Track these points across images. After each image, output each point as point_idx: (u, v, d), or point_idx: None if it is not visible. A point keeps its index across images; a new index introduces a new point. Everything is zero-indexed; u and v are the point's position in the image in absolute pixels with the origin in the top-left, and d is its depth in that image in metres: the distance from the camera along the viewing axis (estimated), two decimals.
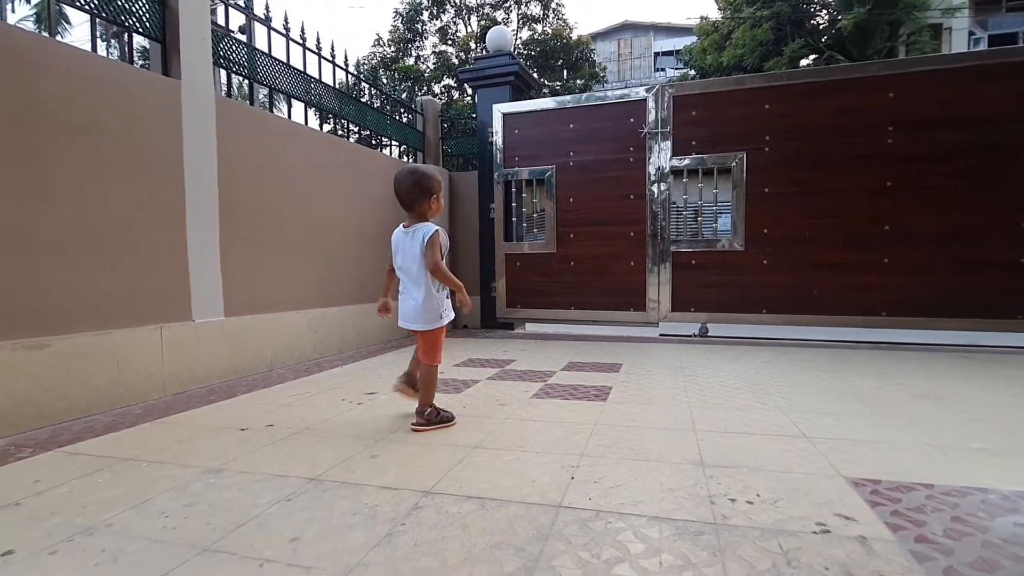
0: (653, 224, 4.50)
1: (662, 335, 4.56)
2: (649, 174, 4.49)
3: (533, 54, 16.53)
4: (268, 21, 3.35)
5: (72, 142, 2.17)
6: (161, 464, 1.60)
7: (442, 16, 17.26)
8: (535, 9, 17.34)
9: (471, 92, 8.66)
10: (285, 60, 3.51)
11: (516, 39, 16.67)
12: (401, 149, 5.18)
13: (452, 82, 16.53)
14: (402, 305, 1.96)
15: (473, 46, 16.38)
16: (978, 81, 3.74)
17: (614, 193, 4.61)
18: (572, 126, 4.72)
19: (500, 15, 17.12)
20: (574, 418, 2.05)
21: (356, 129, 4.42)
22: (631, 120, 4.53)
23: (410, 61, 17.27)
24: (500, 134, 4.94)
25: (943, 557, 1.03)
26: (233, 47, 3.12)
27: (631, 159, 4.55)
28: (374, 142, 4.70)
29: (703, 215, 4.56)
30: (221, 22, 3.06)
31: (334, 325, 3.68)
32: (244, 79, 3.28)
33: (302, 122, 3.68)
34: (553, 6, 17.34)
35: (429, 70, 16.87)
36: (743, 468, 1.51)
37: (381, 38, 17.60)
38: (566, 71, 17.05)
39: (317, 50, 3.81)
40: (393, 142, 4.97)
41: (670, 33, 25.86)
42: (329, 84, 3.95)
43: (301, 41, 3.66)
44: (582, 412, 2.13)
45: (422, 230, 1.90)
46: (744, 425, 1.93)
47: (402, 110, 5.15)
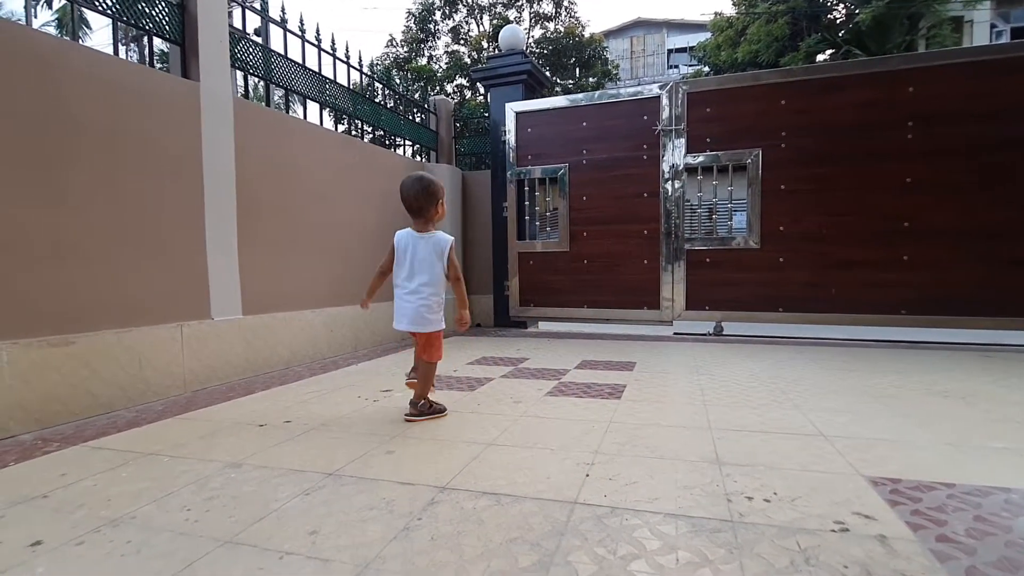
0: (667, 222, 4.47)
1: (676, 334, 4.53)
2: (663, 172, 4.47)
3: (545, 52, 16.50)
4: (284, 23, 3.39)
5: (94, 144, 2.22)
6: (183, 459, 1.63)
7: (454, 16, 17.31)
8: (547, 7, 17.32)
9: (484, 91, 8.67)
10: (300, 61, 3.55)
11: (528, 38, 16.65)
12: (414, 149, 5.21)
13: (465, 81, 16.57)
14: (402, 308, 2.00)
15: (485, 45, 16.40)
16: (1001, 74, 3.65)
17: (627, 191, 4.59)
18: (585, 124, 4.71)
19: (512, 14, 17.12)
20: (588, 416, 2.05)
21: (370, 129, 4.45)
22: (644, 117, 4.51)
23: (423, 61, 17.35)
24: (513, 133, 4.95)
25: (965, 557, 1.02)
26: (250, 49, 3.17)
27: (644, 157, 4.52)
28: (388, 142, 4.73)
29: (718, 213, 4.52)
30: (238, 24, 3.11)
31: (349, 324, 3.72)
32: (260, 80, 3.33)
33: (317, 122, 3.72)
34: (565, 4, 17.29)
35: (442, 70, 16.92)
36: (760, 466, 1.50)
37: (394, 38, 17.71)
38: (579, 69, 17.00)
39: (332, 51, 3.85)
40: (406, 142, 5.00)
41: (683, 30, 25.64)
42: (344, 85, 3.99)
43: (316, 42, 3.70)
44: (596, 410, 2.13)
45: (442, 241, 2.00)
46: (761, 423, 1.91)
47: (415, 110, 5.18)
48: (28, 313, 1.98)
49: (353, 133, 4.21)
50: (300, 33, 3.53)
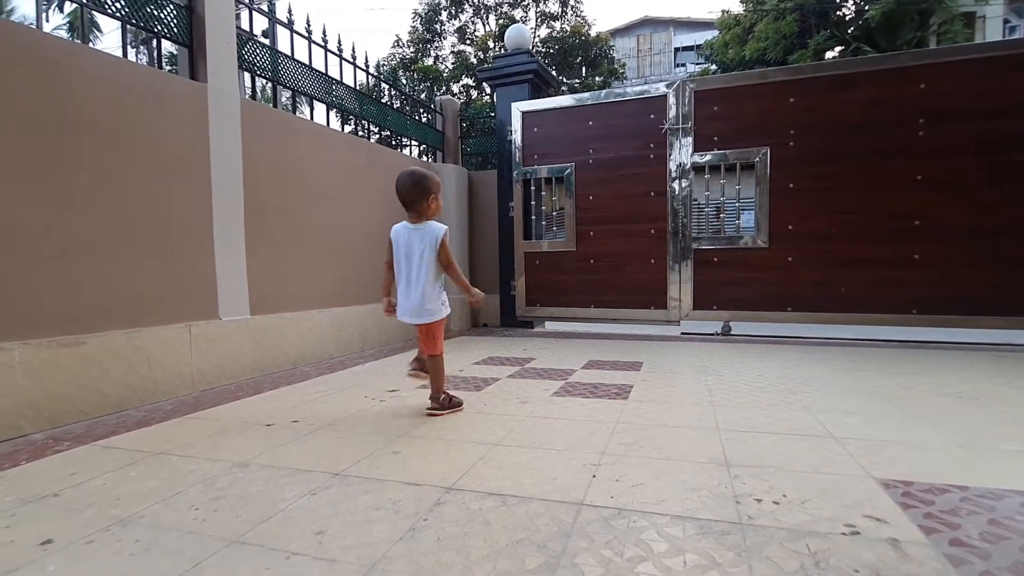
0: (674, 221, 4.45)
1: (684, 334, 4.50)
2: (670, 171, 4.44)
3: (552, 52, 16.47)
4: (291, 24, 3.40)
5: (104, 145, 2.24)
6: (191, 458, 1.64)
7: (460, 16, 17.32)
8: (553, 6, 17.28)
9: (490, 91, 8.67)
10: (307, 62, 3.57)
11: (534, 37, 16.63)
12: (421, 149, 5.22)
13: (471, 81, 16.57)
14: (402, 301, 2.05)
15: (491, 45, 16.40)
16: (1014, 70, 3.60)
17: (634, 190, 4.57)
18: (591, 123, 4.69)
19: (518, 13, 17.10)
20: (595, 416, 2.04)
21: (376, 129, 4.47)
22: (651, 116, 4.48)
23: (429, 61, 17.37)
24: (519, 132, 4.94)
25: (979, 561, 1.00)
26: (257, 51, 3.18)
27: (651, 156, 4.50)
28: (394, 142, 4.74)
29: (725, 212, 4.49)
30: (245, 26, 3.12)
31: (356, 323, 3.73)
32: (268, 82, 3.35)
33: (324, 123, 3.73)
34: (572, 3, 17.25)
35: (448, 70, 16.94)
36: (769, 468, 1.48)
37: (400, 39, 17.75)
38: (585, 68, 16.95)
39: (338, 52, 3.86)
40: (413, 142, 5.01)
41: (690, 28, 25.53)
42: (350, 85, 4.00)
43: (323, 43, 3.71)
44: (603, 410, 2.12)
45: (434, 229, 2.02)
46: (769, 425, 1.90)
47: (421, 110, 5.19)
48: (39, 313, 2.00)
49: (360, 133, 4.22)
50: (307, 34, 3.54)
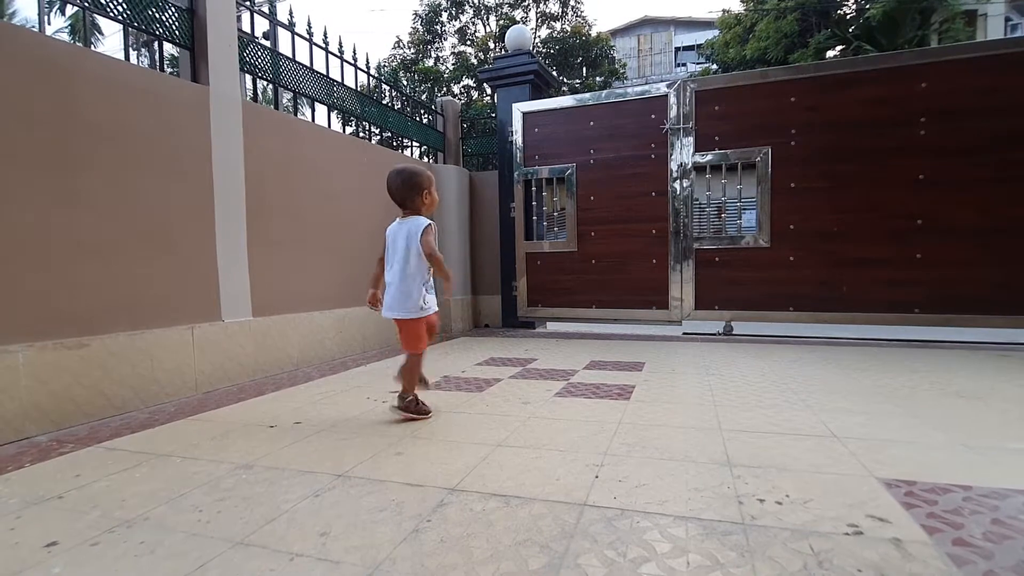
0: (675, 221, 4.45)
1: (685, 334, 4.50)
2: (671, 170, 4.44)
3: (552, 52, 16.47)
4: (292, 27, 3.41)
5: (107, 148, 2.25)
6: (194, 460, 1.65)
7: (461, 17, 17.32)
8: (554, 7, 17.27)
9: (490, 92, 8.67)
10: (308, 64, 3.57)
11: (535, 37, 16.63)
12: (422, 150, 5.23)
13: (472, 82, 16.57)
14: (386, 296, 2.04)
15: (492, 46, 16.40)
16: (1016, 68, 3.59)
17: (635, 190, 4.57)
18: (592, 124, 4.70)
19: (519, 14, 17.10)
20: (597, 417, 2.04)
21: (378, 131, 4.47)
22: (652, 116, 4.48)
23: (430, 62, 17.38)
24: (520, 133, 4.94)
25: (983, 561, 1.00)
26: (258, 53, 3.19)
27: (652, 156, 4.50)
28: (395, 143, 4.75)
29: (727, 211, 4.49)
30: (246, 28, 3.13)
31: (357, 325, 3.73)
32: (269, 83, 3.36)
33: (325, 125, 3.74)
34: (572, 4, 17.23)
35: (448, 71, 16.94)
36: (771, 468, 1.48)
37: (401, 40, 17.75)
38: (586, 69, 16.95)
39: (339, 54, 3.87)
40: (414, 143, 5.01)
41: (691, 27, 25.51)
42: (351, 87, 4.01)
43: (323, 45, 3.72)
44: (605, 411, 2.12)
45: (416, 221, 2.01)
46: (772, 425, 1.90)
47: (422, 111, 5.19)
48: (42, 315, 2.00)
49: (361, 135, 4.23)
50: (308, 36, 3.55)
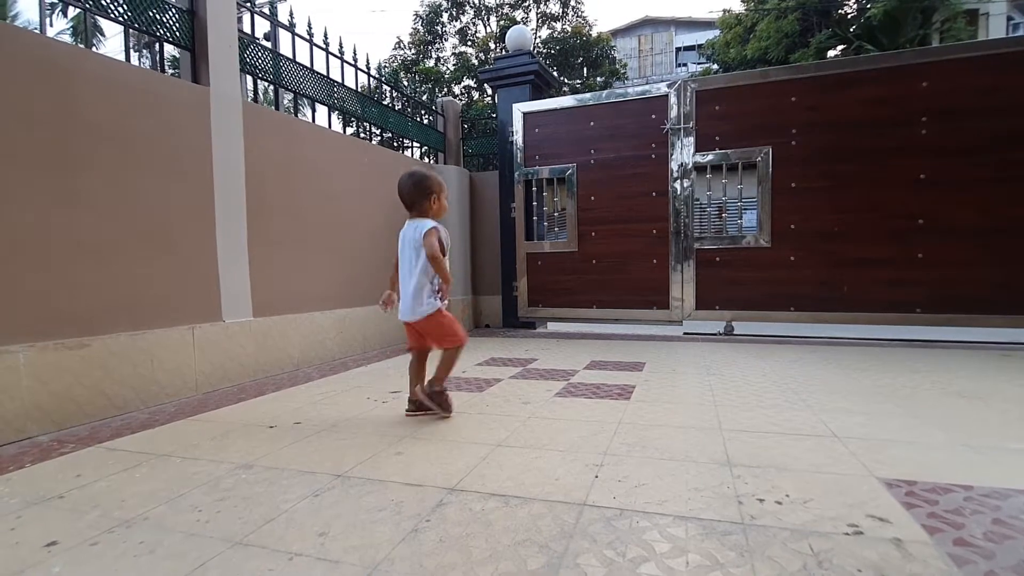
0: (676, 221, 4.44)
1: (686, 334, 4.50)
2: (672, 170, 4.44)
3: (553, 52, 16.48)
4: (292, 27, 3.41)
5: (108, 149, 2.25)
6: (194, 460, 1.65)
7: (461, 17, 17.34)
8: (554, 7, 17.29)
9: (491, 92, 8.68)
10: (309, 65, 3.58)
11: (535, 38, 16.64)
12: (423, 150, 5.23)
13: (472, 83, 16.59)
14: (401, 301, 2.05)
15: (492, 46, 16.42)
16: (1018, 68, 3.59)
17: (636, 190, 4.56)
18: (593, 124, 4.69)
19: (519, 14, 17.11)
20: (597, 417, 2.04)
21: (378, 131, 4.47)
22: (653, 116, 4.48)
23: (430, 63, 17.40)
24: (520, 133, 4.94)
25: (983, 561, 1.00)
26: (259, 54, 3.19)
27: (653, 156, 4.50)
28: (396, 144, 4.75)
29: (727, 211, 4.48)
30: (247, 29, 3.13)
31: (358, 325, 3.73)
32: (270, 84, 3.36)
33: (326, 125, 3.74)
34: (572, 4, 17.25)
35: (449, 71, 16.96)
36: (771, 468, 1.48)
37: (402, 41, 17.78)
38: (586, 69, 16.96)
39: (340, 55, 3.87)
40: (415, 144, 5.01)
41: (691, 28, 25.51)
42: (352, 88, 4.01)
43: (324, 46, 3.72)
44: (606, 411, 2.12)
45: (422, 223, 2.02)
46: (772, 424, 1.89)
47: (423, 112, 5.19)
48: (43, 316, 2.01)
49: (361, 135, 4.23)
50: (308, 37, 3.55)
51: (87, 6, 2.31)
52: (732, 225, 4.50)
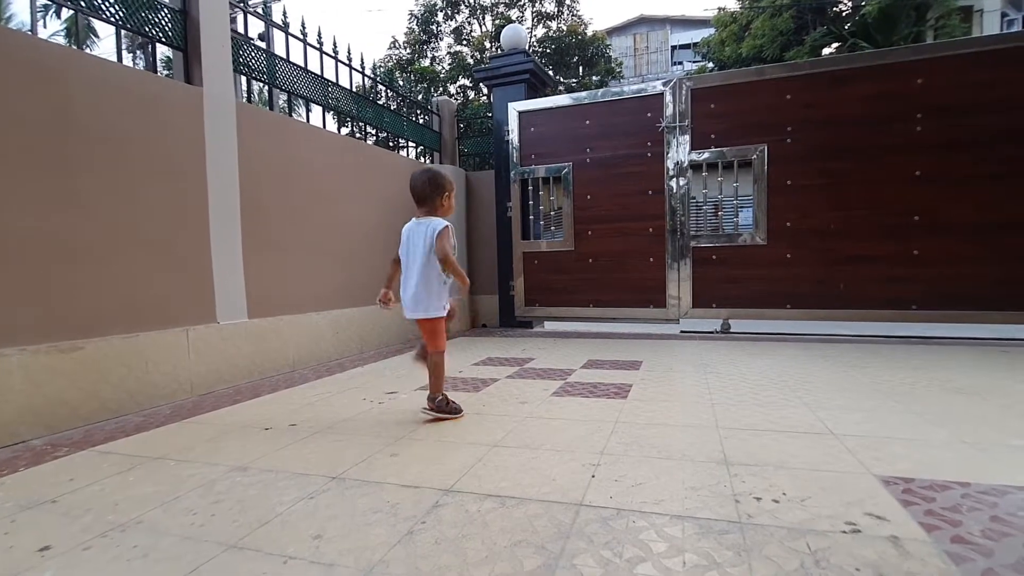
0: (672, 219, 4.44)
1: (683, 332, 4.50)
2: (667, 169, 4.44)
3: (548, 51, 16.47)
4: (286, 27, 3.40)
5: (101, 150, 2.23)
6: (189, 463, 1.64)
7: (457, 17, 17.30)
8: (550, 6, 17.26)
9: (487, 91, 8.67)
10: (303, 65, 3.56)
11: (531, 37, 16.63)
12: (418, 150, 5.21)
13: (468, 82, 16.56)
14: (404, 296, 2.05)
15: (488, 45, 16.39)
16: (1012, 63, 3.60)
17: (632, 189, 4.56)
18: (588, 123, 4.69)
19: (515, 13, 17.09)
20: (594, 416, 2.03)
21: (373, 131, 4.46)
22: (648, 115, 4.48)
23: (425, 62, 17.36)
24: (516, 132, 4.94)
25: (981, 558, 1.00)
26: (252, 54, 3.18)
27: (649, 154, 4.49)
28: (391, 144, 4.73)
29: (723, 209, 4.49)
30: (240, 30, 3.12)
31: (354, 325, 3.72)
32: (264, 84, 3.34)
33: (321, 125, 3.73)
34: (568, 2, 17.23)
35: (444, 71, 16.93)
36: (768, 466, 1.48)
37: (397, 40, 17.73)
38: (582, 68, 16.94)
39: (334, 54, 3.86)
40: (410, 143, 5.00)
41: (687, 26, 25.51)
42: (347, 87, 3.99)
43: (318, 46, 3.71)
44: (602, 410, 2.12)
45: (434, 223, 2.01)
46: (769, 422, 1.89)
47: (418, 111, 5.18)
48: (37, 319, 1.99)
49: (357, 135, 4.22)
50: (302, 37, 3.53)
51: (79, 6, 2.29)
52: (728, 223, 4.50)
